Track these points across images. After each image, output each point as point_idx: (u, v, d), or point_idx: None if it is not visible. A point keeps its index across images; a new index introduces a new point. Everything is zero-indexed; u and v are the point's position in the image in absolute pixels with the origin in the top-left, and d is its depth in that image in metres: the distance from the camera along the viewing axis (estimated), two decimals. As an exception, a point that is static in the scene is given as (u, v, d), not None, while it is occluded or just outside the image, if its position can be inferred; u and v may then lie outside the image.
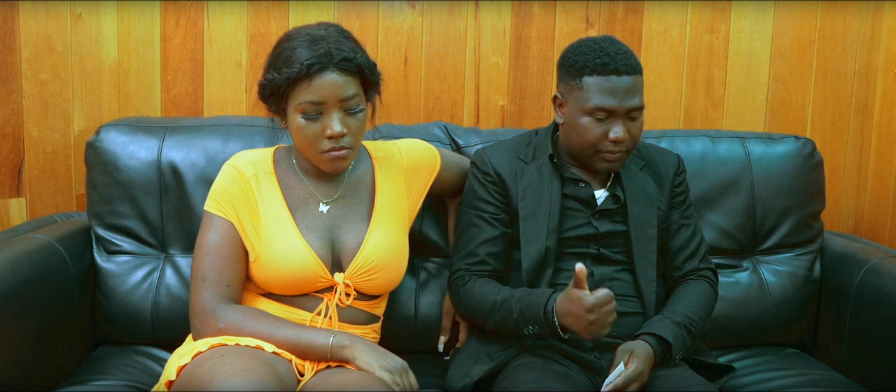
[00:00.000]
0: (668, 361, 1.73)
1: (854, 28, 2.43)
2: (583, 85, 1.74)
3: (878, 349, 1.89)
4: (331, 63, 1.63)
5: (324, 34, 1.66)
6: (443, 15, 2.34)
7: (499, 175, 1.84)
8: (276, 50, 1.69)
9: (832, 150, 2.45)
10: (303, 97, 1.64)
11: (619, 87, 1.72)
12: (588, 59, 1.74)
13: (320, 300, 1.73)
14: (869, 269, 1.97)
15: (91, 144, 2.02)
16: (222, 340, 1.61)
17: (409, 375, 1.64)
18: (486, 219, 1.84)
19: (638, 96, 1.74)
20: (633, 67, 1.74)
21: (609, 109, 1.72)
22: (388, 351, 1.67)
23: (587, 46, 1.76)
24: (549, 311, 1.65)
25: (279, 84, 1.64)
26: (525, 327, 1.71)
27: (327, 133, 1.65)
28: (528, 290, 1.74)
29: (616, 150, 1.75)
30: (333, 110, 1.65)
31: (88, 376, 1.83)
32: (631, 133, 1.75)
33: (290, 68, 1.62)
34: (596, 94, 1.72)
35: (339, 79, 1.64)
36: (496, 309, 1.74)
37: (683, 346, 1.74)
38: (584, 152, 1.78)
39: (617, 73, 1.72)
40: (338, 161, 1.69)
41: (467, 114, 2.39)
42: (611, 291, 1.59)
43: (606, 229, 1.82)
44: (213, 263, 1.68)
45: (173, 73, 2.30)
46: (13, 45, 2.24)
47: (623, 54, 1.74)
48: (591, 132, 1.75)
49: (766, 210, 2.12)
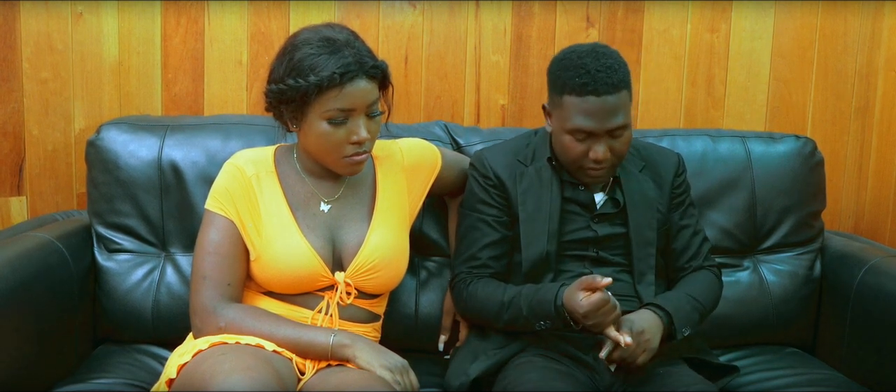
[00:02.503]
0: (674, 333, 1.72)
1: (855, 27, 2.43)
2: (563, 103, 1.71)
3: (878, 348, 1.89)
4: (361, 70, 1.63)
5: (343, 39, 1.65)
6: (443, 14, 2.34)
7: (498, 178, 1.84)
8: (289, 56, 1.65)
9: (833, 149, 2.45)
10: (332, 104, 1.63)
11: (598, 108, 1.67)
12: (568, 76, 1.70)
13: (321, 298, 1.73)
14: (869, 268, 1.97)
15: (92, 143, 2.02)
16: (223, 339, 1.61)
17: (409, 374, 1.64)
18: (488, 222, 1.83)
19: (620, 115, 1.69)
20: (615, 85, 1.67)
21: (588, 131, 1.70)
22: (389, 350, 1.67)
23: (570, 61, 1.71)
24: (560, 306, 1.66)
25: (306, 91, 1.62)
26: (536, 323, 1.71)
27: (353, 139, 1.65)
28: (535, 287, 1.75)
29: (598, 167, 1.73)
30: (359, 116, 1.65)
31: (89, 375, 1.83)
32: (614, 149, 1.72)
33: (318, 76, 1.60)
34: (575, 115, 1.69)
35: (367, 86, 1.65)
36: (505, 308, 1.75)
37: (686, 316, 1.74)
38: (569, 167, 1.78)
39: (596, 93, 1.66)
40: (358, 165, 1.70)
41: (468, 113, 2.39)
42: (606, 294, 1.60)
43: (606, 232, 1.82)
44: (213, 262, 1.68)
45: (174, 72, 2.30)
46: (14, 44, 2.24)
47: (605, 71, 1.67)
48: (572, 151, 1.73)
49: (766, 209, 2.12)
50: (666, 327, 1.71)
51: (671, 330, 1.72)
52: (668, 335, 1.72)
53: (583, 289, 1.62)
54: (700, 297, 1.80)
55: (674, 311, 1.72)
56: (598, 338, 1.73)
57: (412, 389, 1.63)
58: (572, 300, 1.63)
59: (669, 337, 1.73)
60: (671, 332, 1.72)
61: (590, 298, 1.60)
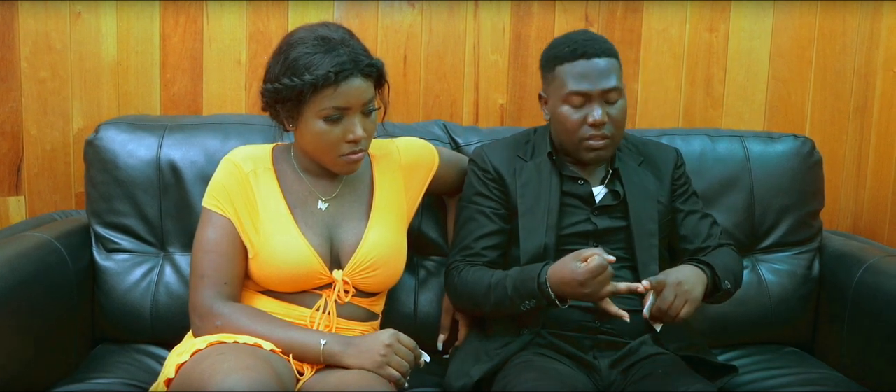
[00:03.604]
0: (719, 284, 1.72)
1: (853, 27, 2.43)
2: (557, 75, 1.78)
3: (876, 347, 1.89)
4: (356, 69, 1.63)
5: (338, 38, 1.65)
6: (442, 14, 2.34)
7: (498, 172, 1.85)
8: (285, 55, 1.66)
9: (831, 148, 2.45)
10: (327, 103, 1.63)
11: (590, 70, 1.74)
12: (559, 50, 1.79)
13: (319, 297, 1.73)
14: (868, 267, 1.97)
15: (90, 142, 2.02)
16: (221, 338, 1.61)
17: (399, 341, 1.63)
18: (485, 213, 1.84)
19: (613, 77, 1.75)
20: (605, 51, 1.76)
21: (583, 93, 1.75)
22: (373, 335, 1.64)
23: (560, 40, 1.82)
24: (543, 283, 1.66)
25: (301, 89, 1.62)
26: (521, 303, 1.71)
27: (349, 137, 1.66)
28: (521, 268, 1.75)
29: (598, 134, 1.75)
30: (355, 115, 1.66)
31: (87, 374, 1.83)
32: (612, 118, 1.76)
33: (313, 75, 1.61)
34: (569, 80, 1.76)
35: (362, 84, 1.65)
36: (491, 290, 1.75)
37: (727, 269, 1.75)
38: (570, 144, 1.79)
39: (586, 56, 1.75)
40: (354, 163, 1.70)
41: (466, 112, 2.39)
42: (603, 258, 1.59)
43: (606, 226, 1.82)
44: (211, 261, 1.68)
45: (172, 72, 2.30)
46: (12, 44, 2.24)
47: (593, 40, 1.77)
48: (570, 119, 1.76)
49: (765, 209, 2.13)
50: (709, 279, 1.71)
51: (715, 281, 1.72)
52: (712, 288, 1.72)
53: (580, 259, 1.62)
54: (731, 265, 1.81)
55: (714, 263, 1.74)
56: (599, 338, 1.73)
57: (411, 356, 1.63)
58: (565, 269, 1.62)
59: (714, 290, 1.73)
60: (716, 285, 1.72)
61: (588, 264, 1.59)
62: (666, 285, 1.64)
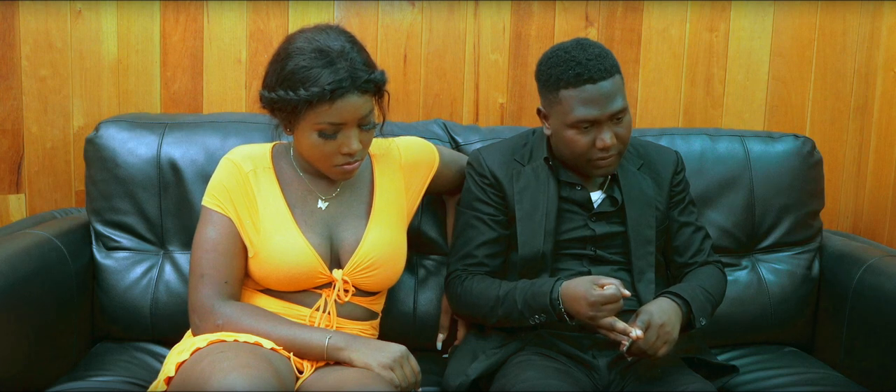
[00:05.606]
0: (692, 322, 1.72)
1: (854, 27, 2.43)
2: (560, 99, 1.72)
3: (876, 348, 1.89)
4: (353, 86, 1.60)
5: (337, 49, 1.61)
6: (442, 13, 2.34)
7: (495, 177, 1.84)
8: (283, 63, 1.63)
9: (831, 148, 2.45)
10: (322, 118, 1.61)
11: (596, 95, 1.69)
12: (561, 71, 1.71)
13: (319, 296, 1.73)
14: (868, 267, 1.97)
15: (90, 141, 2.02)
16: (221, 337, 1.60)
17: (409, 361, 1.63)
18: (484, 220, 1.84)
19: (618, 98, 1.71)
20: (608, 70, 1.70)
21: (591, 120, 1.70)
22: (386, 342, 1.66)
23: (559, 57, 1.73)
24: (556, 299, 1.66)
25: (296, 104, 1.60)
26: (531, 317, 1.71)
27: (344, 150, 1.64)
28: (530, 282, 1.75)
29: (607, 155, 1.74)
30: (351, 129, 1.64)
31: (87, 372, 1.83)
32: (619, 135, 1.73)
33: (308, 90, 1.58)
34: (575, 107, 1.70)
35: (359, 100, 1.62)
36: (499, 303, 1.75)
37: (702, 305, 1.74)
38: (577, 163, 1.78)
39: (592, 81, 1.68)
40: (349, 172, 1.69)
41: (466, 111, 2.39)
42: (619, 290, 1.60)
43: (603, 231, 1.82)
44: (211, 260, 1.68)
45: (173, 70, 2.30)
46: (13, 42, 2.24)
47: (596, 59, 1.70)
48: (578, 144, 1.73)
49: (765, 208, 2.13)
50: (684, 316, 1.71)
51: (689, 318, 1.72)
52: (686, 324, 1.72)
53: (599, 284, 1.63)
54: (711, 289, 1.80)
55: (691, 299, 1.72)
56: (598, 337, 1.73)
57: (414, 379, 1.63)
58: (579, 288, 1.63)
59: (687, 326, 1.73)
60: (689, 321, 1.72)
61: (605, 290, 1.60)
62: (650, 326, 1.64)
